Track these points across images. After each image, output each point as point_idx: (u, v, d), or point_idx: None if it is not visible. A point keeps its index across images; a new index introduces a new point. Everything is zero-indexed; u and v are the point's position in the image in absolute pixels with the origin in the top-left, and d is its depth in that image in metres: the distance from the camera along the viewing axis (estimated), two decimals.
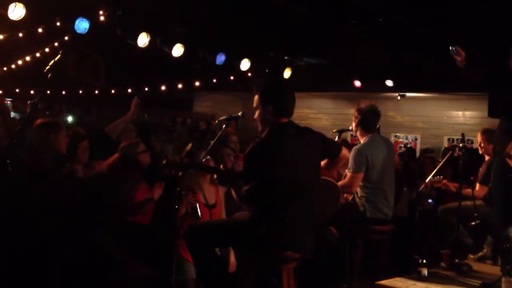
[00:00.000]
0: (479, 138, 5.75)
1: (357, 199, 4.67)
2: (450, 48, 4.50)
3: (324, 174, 3.81)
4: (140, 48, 7.76)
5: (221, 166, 3.89)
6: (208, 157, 4.40)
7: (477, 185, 5.65)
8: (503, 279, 3.85)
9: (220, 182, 4.49)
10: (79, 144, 4.42)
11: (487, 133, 5.66)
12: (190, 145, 4.50)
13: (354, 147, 4.73)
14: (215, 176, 4.38)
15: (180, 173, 3.60)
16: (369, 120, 4.73)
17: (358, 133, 4.80)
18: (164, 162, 3.52)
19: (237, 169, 4.82)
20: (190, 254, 3.66)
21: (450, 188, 5.75)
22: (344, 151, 3.79)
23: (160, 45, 8.01)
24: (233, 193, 4.46)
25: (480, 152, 5.80)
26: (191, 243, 3.52)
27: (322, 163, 3.78)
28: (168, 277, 3.84)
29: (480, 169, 5.76)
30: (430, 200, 7.38)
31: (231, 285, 3.60)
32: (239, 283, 3.58)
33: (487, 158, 5.74)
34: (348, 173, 4.65)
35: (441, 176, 5.88)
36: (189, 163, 3.71)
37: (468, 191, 5.48)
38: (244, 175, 3.39)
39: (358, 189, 4.66)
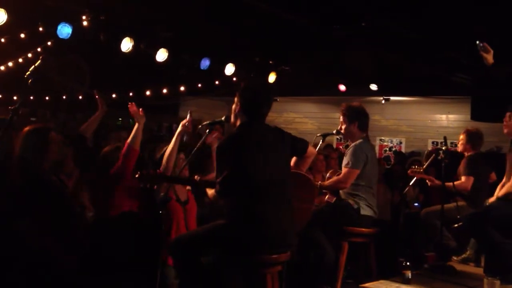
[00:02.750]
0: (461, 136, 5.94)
1: (350, 198, 4.66)
2: (477, 43, 4.19)
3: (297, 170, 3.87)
4: (124, 53, 7.72)
5: (196, 176, 3.86)
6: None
7: (463, 177, 5.71)
8: (485, 280, 3.90)
9: (194, 192, 4.50)
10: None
11: (467, 133, 5.93)
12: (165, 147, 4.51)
13: (353, 144, 4.72)
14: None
15: (155, 186, 3.61)
16: (365, 121, 4.82)
17: (352, 135, 4.80)
18: (137, 175, 3.51)
19: None
20: (176, 267, 3.65)
21: (434, 182, 5.79)
22: (311, 147, 3.86)
23: (144, 50, 7.97)
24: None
25: (459, 149, 5.94)
26: (175, 256, 3.51)
27: (292, 162, 3.82)
28: (152, 282, 3.83)
29: (461, 163, 5.85)
30: (416, 204, 7.43)
31: None
32: None
33: (466, 154, 5.91)
34: (344, 168, 4.66)
35: (421, 168, 5.94)
36: (162, 175, 3.70)
37: (456, 183, 5.57)
38: (216, 173, 3.43)
39: (351, 187, 4.67)
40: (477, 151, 5.90)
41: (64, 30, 7.05)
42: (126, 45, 7.68)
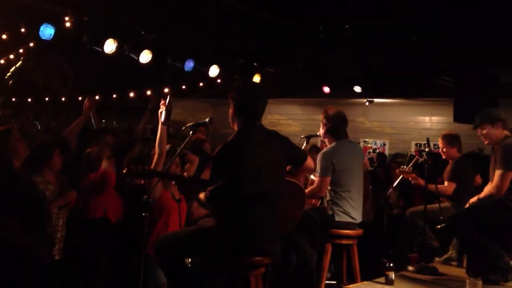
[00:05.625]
0: (440, 143, 5.93)
1: (326, 203, 4.69)
2: None
3: (289, 178, 3.84)
4: (107, 54, 7.65)
5: (185, 173, 3.84)
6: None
7: (446, 182, 5.77)
8: (467, 280, 3.93)
9: (181, 190, 4.49)
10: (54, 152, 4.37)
11: (447, 138, 5.91)
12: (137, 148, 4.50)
13: (320, 152, 4.76)
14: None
15: (143, 181, 3.58)
16: (338, 127, 4.74)
17: (327, 140, 4.81)
18: (124, 171, 3.47)
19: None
20: (161, 267, 3.63)
21: (419, 182, 5.82)
22: (309, 160, 3.79)
23: (128, 51, 7.90)
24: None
25: (444, 156, 5.96)
26: (160, 255, 3.49)
27: (287, 168, 3.80)
28: (137, 282, 3.80)
29: (447, 168, 5.90)
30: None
31: None
32: None
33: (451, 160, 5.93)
34: (315, 177, 4.67)
35: (411, 167, 5.96)
36: (151, 171, 3.67)
37: (439, 186, 5.61)
38: (210, 179, 3.40)
39: (327, 193, 4.68)
40: (460, 154, 5.94)
41: (47, 31, 6.96)
42: (110, 46, 7.60)
